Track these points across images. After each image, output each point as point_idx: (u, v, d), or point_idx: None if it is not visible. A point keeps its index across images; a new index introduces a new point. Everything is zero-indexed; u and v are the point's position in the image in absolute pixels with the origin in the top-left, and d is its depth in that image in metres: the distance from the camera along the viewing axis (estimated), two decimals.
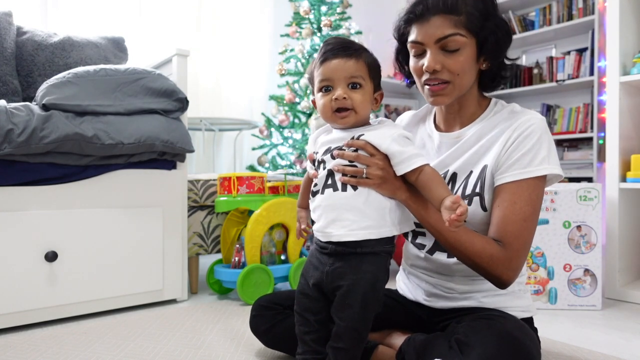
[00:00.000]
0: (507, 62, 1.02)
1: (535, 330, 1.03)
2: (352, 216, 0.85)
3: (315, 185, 0.91)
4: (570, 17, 3.45)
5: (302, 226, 1.04)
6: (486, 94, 1.07)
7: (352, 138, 0.89)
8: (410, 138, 0.91)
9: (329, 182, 0.88)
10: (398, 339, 1.04)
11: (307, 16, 2.81)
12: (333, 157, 0.89)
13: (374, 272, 0.86)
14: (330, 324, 0.89)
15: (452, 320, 0.98)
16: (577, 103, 3.52)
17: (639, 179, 1.79)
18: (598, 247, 1.67)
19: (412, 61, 1.01)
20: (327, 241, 0.88)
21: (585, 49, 3.41)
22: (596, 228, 1.67)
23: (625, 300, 1.81)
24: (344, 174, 0.86)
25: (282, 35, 2.92)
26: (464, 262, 0.92)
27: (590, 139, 3.36)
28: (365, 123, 0.92)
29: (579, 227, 1.68)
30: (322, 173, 0.89)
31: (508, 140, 0.94)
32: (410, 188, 0.90)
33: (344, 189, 0.86)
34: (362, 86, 0.88)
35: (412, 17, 0.97)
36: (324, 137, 0.96)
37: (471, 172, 0.99)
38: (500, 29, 0.96)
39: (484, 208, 0.96)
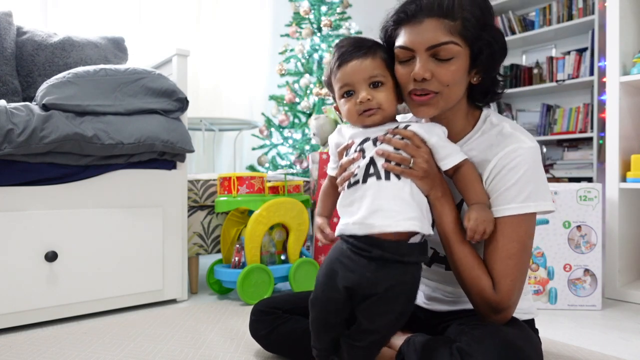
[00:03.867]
0: (499, 77, 0.95)
1: (536, 331, 1.03)
2: (396, 206, 0.81)
3: (354, 176, 0.85)
4: (570, 17, 3.44)
5: (327, 231, 0.97)
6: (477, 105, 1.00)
7: (397, 127, 0.86)
8: (446, 134, 0.89)
9: (371, 170, 0.84)
10: (398, 339, 1.04)
11: (307, 16, 2.81)
12: (375, 144, 0.86)
13: (414, 283, 0.85)
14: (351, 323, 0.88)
15: (454, 322, 0.97)
16: (577, 103, 3.52)
17: (639, 179, 1.79)
18: (598, 247, 1.67)
19: (398, 67, 0.91)
20: (367, 235, 0.81)
21: (585, 49, 3.41)
22: (596, 228, 1.67)
23: (625, 300, 1.81)
24: (387, 160, 0.83)
25: (282, 35, 2.92)
26: (457, 278, 0.91)
27: (590, 139, 3.36)
28: (393, 119, 0.90)
29: (579, 227, 1.68)
30: (363, 162, 0.84)
31: (492, 171, 0.88)
32: (444, 188, 0.88)
33: (388, 177, 0.82)
34: (383, 83, 0.86)
35: (402, 18, 0.89)
36: (351, 130, 0.92)
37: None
38: (496, 42, 0.89)
39: None
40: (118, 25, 2.55)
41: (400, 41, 0.89)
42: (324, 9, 2.86)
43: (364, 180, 0.83)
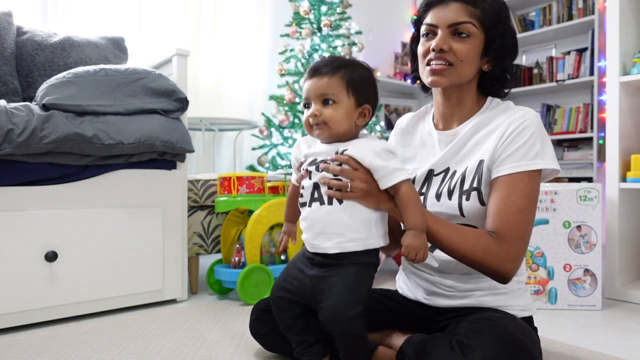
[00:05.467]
0: (508, 75, 1.06)
1: (535, 329, 1.03)
2: (338, 229, 0.88)
3: (302, 196, 0.94)
4: (570, 17, 3.45)
5: (288, 241, 1.06)
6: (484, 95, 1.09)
7: (337, 152, 0.91)
8: (395, 152, 0.91)
9: (316, 195, 0.91)
10: (398, 339, 1.04)
11: (307, 16, 2.81)
12: (318, 170, 0.91)
13: (356, 275, 0.88)
14: (311, 317, 0.95)
15: (453, 320, 0.98)
16: (577, 103, 3.52)
17: (639, 179, 1.79)
18: (598, 247, 1.67)
19: (421, 43, 1.04)
20: (314, 252, 0.91)
21: (585, 49, 3.41)
22: (596, 228, 1.67)
23: (625, 300, 1.81)
24: (329, 187, 0.89)
25: (282, 35, 2.92)
26: (461, 261, 0.93)
27: (590, 139, 3.36)
28: (350, 137, 0.93)
29: (579, 227, 1.68)
30: (308, 183, 0.92)
31: (503, 135, 0.96)
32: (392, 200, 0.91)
33: (330, 202, 0.89)
34: (335, 102, 0.90)
35: (432, 2, 1.03)
36: (306, 147, 0.98)
37: (467, 167, 1.00)
38: (509, 36, 1.02)
39: (482, 202, 0.97)
40: (118, 25, 2.55)
41: (427, 19, 1.03)
42: (324, 9, 2.86)
43: (309, 204, 0.92)
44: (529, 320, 1.03)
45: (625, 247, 1.89)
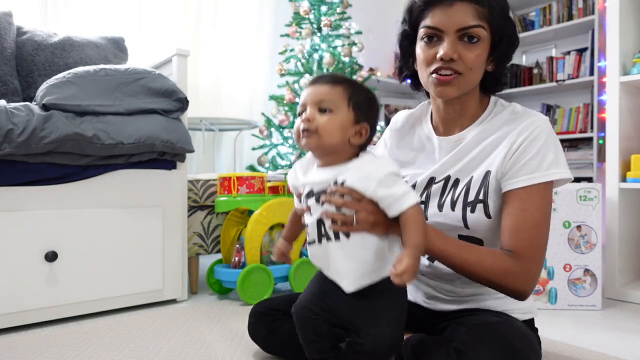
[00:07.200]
0: (505, 70, 1.01)
1: (536, 330, 1.03)
2: (348, 265, 0.82)
3: (309, 234, 0.87)
4: (570, 17, 3.45)
5: (286, 257, 0.99)
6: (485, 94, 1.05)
7: (335, 182, 0.82)
8: (398, 173, 0.82)
9: (323, 231, 0.84)
10: None
11: (307, 16, 2.81)
12: (319, 201, 0.83)
13: (397, 302, 0.84)
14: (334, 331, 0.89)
15: (452, 322, 0.98)
16: (577, 103, 3.52)
17: (639, 179, 1.79)
18: (598, 247, 1.67)
19: (421, 47, 0.95)
20: None
21: (585, 49, 3.41)
22: (596, 228, 1.67)
23: (625, 300, 1.81)
24: (333, 221, 0.81)
25: (282, 35, 2.92)
26: (478, 282, 0.89)
27: (590, 139, 3.36)
28: (346, 157, 0.84)
29: (579, 227, 1.68)
30: (311, 220, 0.85)
31: (513, 145, 0.91)
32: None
33: (337, 237, 0.82)
34: (332, 111, 0.81)
35: (433, 0, 0.92)
36: (301, 174, 0.90)
37: (472, 177, 0.96)
38: (514, 33, 0.96)
39: (487, 215, 0.93)
40: (118, 25, 2.55)
41: (429, 21, 0.92)
42: (324, 9, 2.86)
43: (319, 241, 0.85)
44: (530, 322, 1.02)
45: (625, 247, 1.89)
